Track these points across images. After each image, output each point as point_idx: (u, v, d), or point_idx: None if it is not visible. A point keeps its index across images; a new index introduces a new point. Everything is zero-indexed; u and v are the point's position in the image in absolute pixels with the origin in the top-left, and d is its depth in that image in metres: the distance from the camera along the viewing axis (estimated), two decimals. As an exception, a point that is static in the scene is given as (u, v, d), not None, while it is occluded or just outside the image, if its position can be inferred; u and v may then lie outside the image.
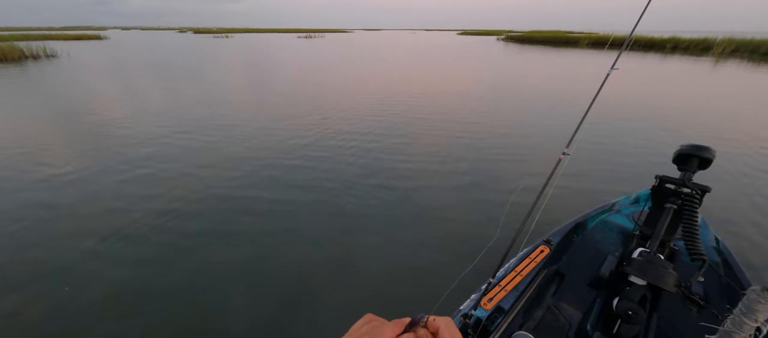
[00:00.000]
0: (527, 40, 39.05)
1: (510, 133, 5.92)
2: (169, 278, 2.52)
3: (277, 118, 6.89)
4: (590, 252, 1.91)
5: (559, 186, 3.68)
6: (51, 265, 2.63)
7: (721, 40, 22.87)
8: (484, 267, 1.79)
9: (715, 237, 2.04)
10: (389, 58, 21.16)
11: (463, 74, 14.11)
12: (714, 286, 1.63)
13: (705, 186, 1.64)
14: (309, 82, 11.73)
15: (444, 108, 7.78)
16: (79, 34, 43.22)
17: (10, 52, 17.25)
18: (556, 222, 2.28)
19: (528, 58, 20.87)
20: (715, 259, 1.86)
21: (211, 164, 4.59)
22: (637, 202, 2.44)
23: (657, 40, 26.36)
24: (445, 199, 3.66)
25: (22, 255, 2.76)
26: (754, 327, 0.75)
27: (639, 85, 10.80)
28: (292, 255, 2.77)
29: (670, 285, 1.35)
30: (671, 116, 7.08)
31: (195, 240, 2.95)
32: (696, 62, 17.53)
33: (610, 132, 5.81)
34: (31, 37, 31.45)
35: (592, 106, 1.75)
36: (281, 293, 2.37)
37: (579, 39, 31.56)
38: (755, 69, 14.89)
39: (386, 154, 4.95)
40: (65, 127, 6.31)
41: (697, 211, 1.61)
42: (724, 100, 8.70)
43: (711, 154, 1.68)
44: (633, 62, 17.71)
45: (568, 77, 12.62)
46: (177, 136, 5.76)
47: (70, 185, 3.96)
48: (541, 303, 1.58)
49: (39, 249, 2.82)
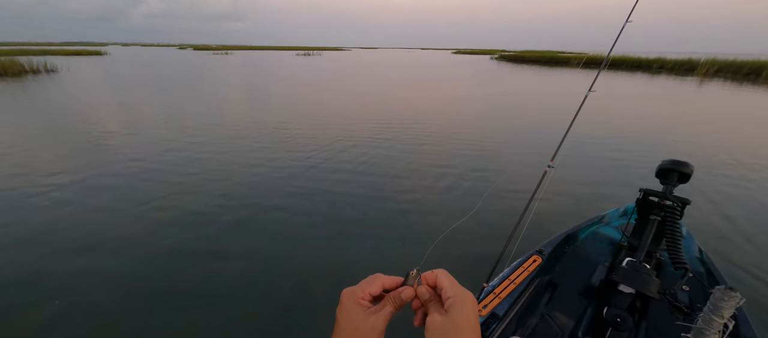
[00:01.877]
0: (520, 59, 40.29)
1: (498, 145, 6.13)
2: (168, 291, 2.52)
3: (276, 134, 6.99)
4: (581, 262, 1.98)
5: (546, 198, 3.79)
6: (54, 277, 2.63)
7: (705, 61, 23.80)
8: (478, 274, 1.85)
9: (699, 247, 2.12)
10: (388, 76, 21.64)
11: (456, 91, 14.46)
12: (698, 295, 1.70)
13: (685, 198, 1.74)
14: (310, 99, 11.93)
15: (437, 123, 7.96)
16: (79, 50, 43.68)
17: (11, 66, 17.39)
18: (545, 231, 2.36)
19: (518, 75, 21.49)
20: (698, 269, 1.93)
21: (211, 177, 4.63)
22: (625, 215, 2.53)
23: (644, 60, 27.37)
24: (439, 212, 3.74)
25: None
26: (721, 323, 0.82)
27: (626, 102, 11.16)
28: (290, 268, 2.79)
29: (653, 291, 1.42)
30: (656, 132, 7.33)
31: (196, 253, 2.96)
32: (682, 82, 18.18)
33: (598, 146, 6.03)
34: (32, 52, 31.74)
35: (577, 122, 1.87)
36: (280, 307, 2.38)
37: (569, 59, 32.69)
38: (738, 89, 15.47)
39: (381, 168, 5.04)
40: (64, 139, 6.34)
41: (678, 222, 1.69)
42: (710, 119, 9.03)
43: (689, 168, 1.79)
44: (621, 81, 18.32)
45: (559, 94, 13.00)
46: (173, 150, 5.82)
47: (75, 193, 3.96)
48: (535, 312, 1.63)
49: (49, 259, 2.81)
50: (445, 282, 0.39)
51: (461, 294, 0.38)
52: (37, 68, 19.17)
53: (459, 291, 0.38)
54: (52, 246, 3.04)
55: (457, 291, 0.38)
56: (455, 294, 0.38)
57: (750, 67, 21.69)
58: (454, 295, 0.38)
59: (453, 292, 0.38)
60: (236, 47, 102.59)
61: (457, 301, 0.37)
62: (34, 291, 2.50)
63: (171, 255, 2.93)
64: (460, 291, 0.39)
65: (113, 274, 2.69)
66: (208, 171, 4.87)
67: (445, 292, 0.39)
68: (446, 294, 0.39)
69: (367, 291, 0.40)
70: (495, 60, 44.36)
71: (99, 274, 2.69)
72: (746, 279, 2.65)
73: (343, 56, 51.74)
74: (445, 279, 0.40)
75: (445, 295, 0.39)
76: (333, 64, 30.29)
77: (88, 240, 3.13)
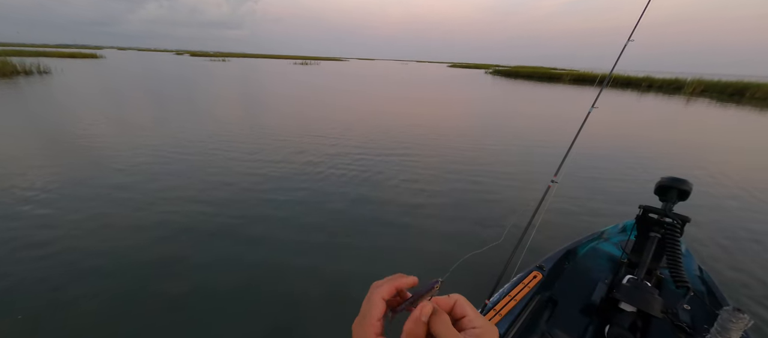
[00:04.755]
0: (514, 74, 41.12)
1: (502, 161, 6.13)
2: (159, 302, 2.42)
3: (271, 142, 6.94)
4: (581, 278, 1.96)
5: (550, 211, 3.78)
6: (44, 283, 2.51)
7: (691, 81, 24.66)
8: (479, 291, 1.81)
9: (699, 266, 2.12)
10: (386, 88, 21.84)
11: (457, 107, 14.63)
12: (700, 314, 1.68)
13: (685, 216, 1.74)
14: (307, 110, 11.94)
15: (437, 137, 8.00)
16: (74, 52, 43.32)
17: (3, 67, 17.12)
18: (547, 247, 2.34)
19: (516, 90, 21.88)
20: (699, 288, 1.92)
21: (202, 187, 4.55)
22: (624, 231, 2.52)
23: (633, 79, 28.26)
24: (440, 227, 3.70)
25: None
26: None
27: (622, 118, 11.42)
28: (284, 280, 2.72)
29: (656, 310, 1.40)
30: (652, 148, 7.46)
31: (185, 263, 2.87)
32: (669, 100, 18.70)
33: (595, 161, 6.09)
34: (25, 54, 31.36)
35: (578, 138, 1.88)
36: (273, 319, 2.30)
37: (561, 75, 33.49)
38: (724, 108, 15.96)
39: (379, 183, 5.01)
40: (53, 143, 6.19)
41: (679, 240, 1.69)
42: (701, 135, 9.26)
43: (688, 186, 1.80)
44: (615, 98, 18.77)
45: (556, 111, 13.23)
46: (168, 156, 5.72)
47: (61, 199, 3.84)
48: (536, 330, 1.59)
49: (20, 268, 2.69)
50: (469, 311, 0.35)
51: (489, 329, 0.35)
52: (30, 69, 18.91)
53: (486, 325, 0.35)
54: (26, 255, 2.92)
55: (484, 324, 0.35)
56: (483, 327, 0.34)
57: (734, 88, 22.47)
58: (482, 328, 0.34)
59: (480, 324, 0.34)
60: (234, 55, 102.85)
61: (487, 336, 0.34)
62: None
63: (156, 267, 2.83)
64: (488, 325, 0.35)
65: (92, 287, 2.58)
66: (197, 180, 4.78)
67: (468, 321, 0.35)
68: (471, 323, 0.35)
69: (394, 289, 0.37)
70: (490, 74, 45.19)
71: (78, 286, 2.58)
72: (745, 300, 2.65)
73: (341, 67, 52.20)
74: (468, 308, 0.36)
75: (468, 324, 0.35)
76: (332, 78, 30.46)
77: (66, 251, 3.01)
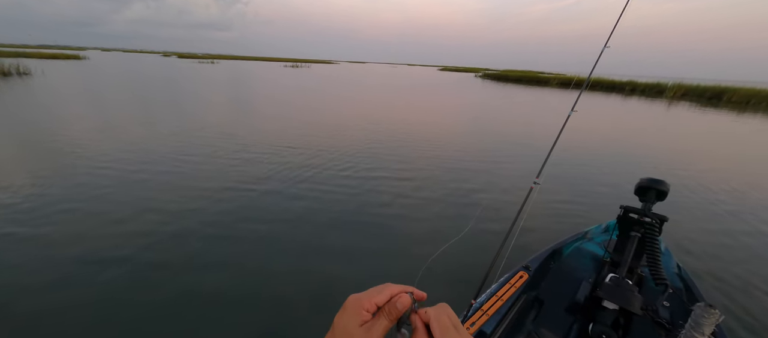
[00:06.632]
0: (503, 78, 41.84)
1: (485, 163, 6.23)
2: (145, 307, 2.36)
3: (258, 145, 6.88)
4: (566, 278, 2.00)
5: (535, 212, 3.86)
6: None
7: (672, 85, 25.58)
8: (465, 290, 1.84)
9: (678, 264, 2.19)
10: (378, 92, 21.91)
11: (446, 111, 14.78)
12: (678, 310, 1.74)
13: (663, 216, 1.80)
14: (295, 111, 11.87)
15: (424, 140, 8.06)
16: (56, 53, 42.04)
17: (-22, 68, 16.51)
18: (533, 248, 2.38)
19: (507, 94, 22.27)
20: (678, 285, 1.99)
21: (186, 192, 4.47)
22: (606, 231, 2.59)
23: (617, 83, 29.12)
24: (425, 228, 3.73)
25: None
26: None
27: (604, 121, 11.74)
28: (272, 284, 2.69)
29: (636, 307, 1.44)
30: (633, 150, 7.69)
31: (171, 268, 2.81)
32: (652, 104, 19.33)
33: (577, 163, 6.24)
34: (5, 54, 30.29)
35: (559, 140, 1.93)
36: (261, 323, 2.27)
37: (549, 79, 34.23)
38: (704, 111, 16.58)
39: (366, 183, 5.01)
40: (30, 146, 5.99)
41: (658, 239, 1.75)
42: (679, 138, 9.59)
43: (666, 187, 1.86)
44: (600, 101, 19.29)
45: (540, 113, 13.51)
46: (149, 162, 5.60)
47: (40, 208, 3.71)
48: (522, 329, 1.62)
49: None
50: (437, 331, 0.36)
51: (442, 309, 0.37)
52: (9, 71, 18.26)
53: None
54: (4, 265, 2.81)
55: None
56: None
57: (712, 92, 23.40)
58: None
59: None
60: (223, 57, 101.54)
61: None
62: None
63: (147, 270, 2.77)
64: None
65: (77, 295, 2.50)
66: (182, 186, 4.70)
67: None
68: None
69: (373, 301, 0.37)
70: (479, 78, 45.86)
71: (64, 291, 2.50)
72: (718, 294, 2.76)
73: (332, 70, 52.12)
74: (436, 329, 0.36)
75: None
76: (324, 82, 30.38)
77: (47, 257, 2.92)
